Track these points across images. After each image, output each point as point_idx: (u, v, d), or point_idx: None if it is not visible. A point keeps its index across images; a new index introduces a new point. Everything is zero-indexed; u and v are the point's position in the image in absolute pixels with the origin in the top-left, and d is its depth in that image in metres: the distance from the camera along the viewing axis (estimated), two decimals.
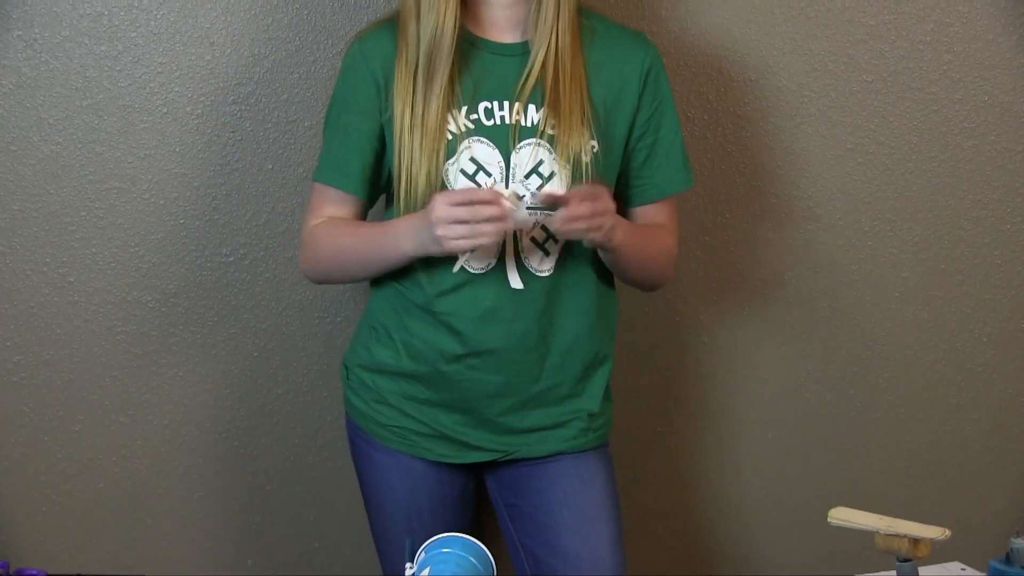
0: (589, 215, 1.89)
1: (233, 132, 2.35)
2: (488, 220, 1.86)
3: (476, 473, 2.18)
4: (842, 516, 1.70)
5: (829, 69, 2.42)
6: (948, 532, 1.64)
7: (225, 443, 2.49)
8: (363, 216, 2.13)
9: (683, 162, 2.12)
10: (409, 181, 1.99)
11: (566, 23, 1.99)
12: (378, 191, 2.11)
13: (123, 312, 2.41)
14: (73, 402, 2.43)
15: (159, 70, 2.33)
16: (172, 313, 2.42)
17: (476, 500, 2.22)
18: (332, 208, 2.10)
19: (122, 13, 2.29)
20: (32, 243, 2.37)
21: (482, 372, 2.06)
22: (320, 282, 2.24)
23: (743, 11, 2.40)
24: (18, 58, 2.29)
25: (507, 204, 1.86)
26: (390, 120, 2.01)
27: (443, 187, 1.97)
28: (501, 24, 2.03)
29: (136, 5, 2.29)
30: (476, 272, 2.01)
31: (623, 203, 2.12)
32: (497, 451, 2.11)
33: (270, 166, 2.37)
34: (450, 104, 1.99)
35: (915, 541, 1.63)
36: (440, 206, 1.87)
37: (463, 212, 1.86)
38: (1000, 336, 2.61)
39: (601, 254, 2.05)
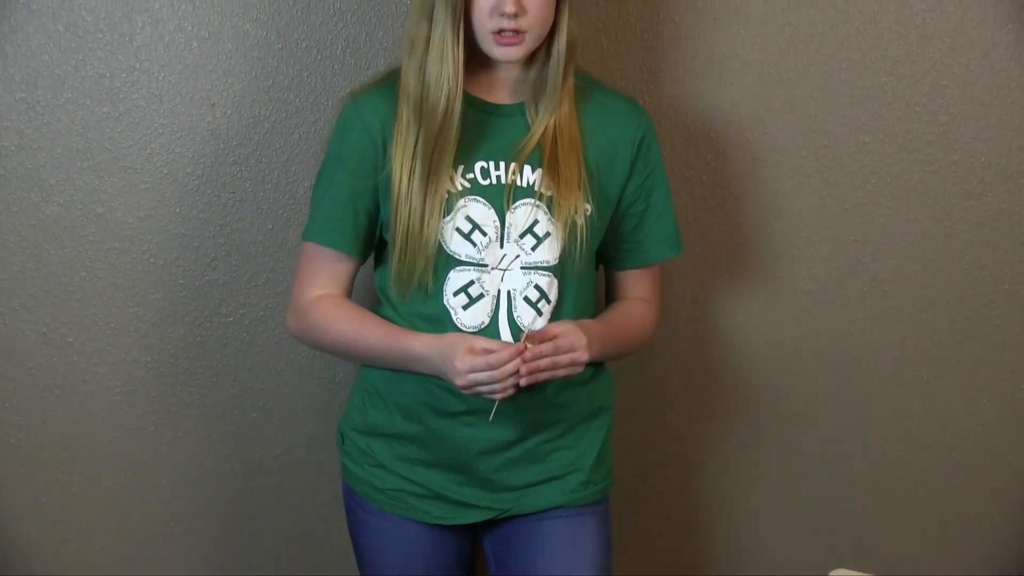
0: (549, 366, 1.91)
1: (233, 193, 2.36)
2: (509, 375, 1.89)
3: (473, 533, 2.17)
4: None
5: (826, 130, 2.42)
6: None
7: (223, 504, 2.49)
8: (354, 275, 2.12)
9: (673, 230, 2.14)
10: (405, 240, 1.99)
11: (567, 88, 2.00)
12: (370, 249, 2.11)
13: (122, 372, 2.41)
14: (70, 463, 2.43)
15: (160, 131, 2.33)
16: (171, 374, 2.41)
17: (473, 561, 2.22)
18: (326, 269, 2.09)
19: (124, 75, 2.30)
20: (32, 303, 2.37)
21: (475, 428, 2.05)
22: (319, 350, 2.25)
23: (740, 73, 2.40)
24: (20, 120, 2.30)
25: (526, 356, 1.90)
26: (387, 179, 2.00)
27: (439, 248, 1.99)
28: (500, 85, 2.04)
29: (138, 67, 2.30)
30: (470, 331, 2.00)
31: (608, 266, 2.17)
32: (492, 509, 2.09)
33: (270, 226, 2.37)
34: (450, 165, 1.99)
35: None
36: (462, 366, 1.90)
37: (484, 376, 1.89)
38: (999, 396, 2.60)
39: None
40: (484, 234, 2.00)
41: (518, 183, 2.01)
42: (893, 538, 2.61)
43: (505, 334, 2.00)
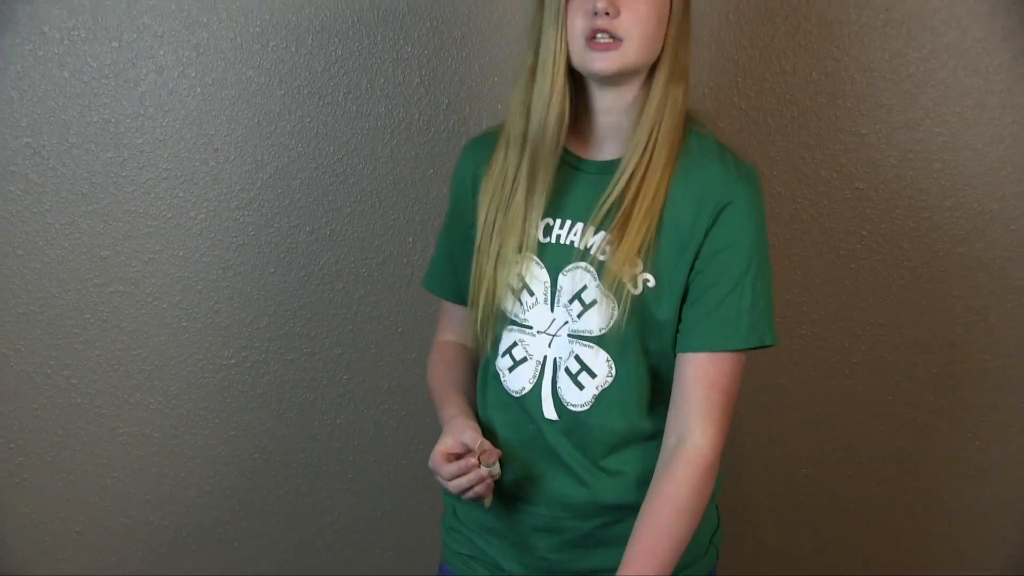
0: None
1: (236, 237, 2.36)
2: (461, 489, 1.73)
3: None
4: None
5: (822, 177, 2.40)
6: None
7: (224, 544, 2.49)
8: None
9: (742, 320, 1.74)
10: (475, 292, 1.84)
11: (661, 154, 1.75)
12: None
13: (125, 414, 2.42)
14: (74, 503, 2.44)
15: (164, 176, 2.34)
16: (174, 415, 2.43)
17: None
18: (444, 315, 2.00)
19: (128, 120, 2.30)
20: (36, 345, 2.38)
21: (526, 502, 1.85)
22: None
23: (738, 120, 2.39)
24: (26, 164, 2.31)
25: (483, 471, 1.73)
26: (474, 226, 1.85)
27: (495, 306, 1.81)
28: (599, 138, 1.81)
29: (142, 112, 2.30)
30: (515, 395, 1.83)
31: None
32: None
33: (272, 270, 2.37)
34: (534, 210, 1.80)
35: None
36: (431, 465, 1.76)
37: (442, 481, 1.75)
38: (991, 436, 2.59)
39: None
40: (532, 294, 1.81)
41: (576, 244, 1.78)
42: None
43: (548, 406, 1.80)
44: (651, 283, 1.73)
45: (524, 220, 1.77)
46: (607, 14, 1.67)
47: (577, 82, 1.77)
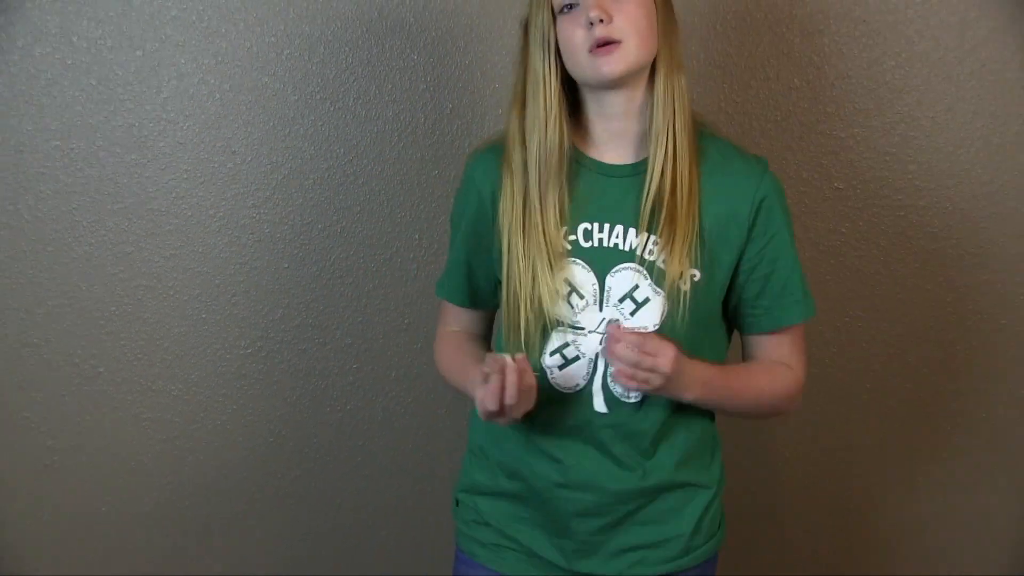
0: (632, 364, 1.71)
1: (252, 234, 2.38)
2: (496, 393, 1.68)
3: None
4: None
5: (803, 177, 2.41)
6: None
7: (240, 523, 2.51)
8: (486, 319, 2.01)
9: (801, 294, 1.88)
10: (512, 304, 1.84)
11: (685, 136, 1.79)
12: (492, 299, 1.96)
13: (148, 400, 2.44)
14: (99, 484, 2.46)
15: (184, 177, 2.35)
16: (194, 402, 2.44)
17: None
18: (452, 318, 2.01)
19: (151, 124, 2.32)
20: (65, 336, 2.40)
21: (571, 490, 1.88)
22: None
23: (725, 124, 2.40)
24: (56, 166, 2.33)
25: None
26: (493, 241, 1.87)
27: (540, 308, 1.80)
28: (609, 142, 1.84)
29: (164, 117, 2.32)
30: (565, 391, 1.84)
31: (740, 330, 1.93)
32: (584, 571, 1.91)
33: (286, 265, 2.39)
34: (554, 224, 1.81)
35: None
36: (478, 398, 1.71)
37: (489, 404, 1.70)
38: (973, 424, 2.59)
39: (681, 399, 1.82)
40: (581, 297, 1.81)
41: (620, 246, 1.81)
42: None
43: (599, 400, 1.83)
44: (696, 277, 1.78)
45: (547, 238, 1.79)
46: (601, 21, 1.70)
47: (572, 95, 1.80)
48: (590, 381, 1.82)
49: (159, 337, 2.41)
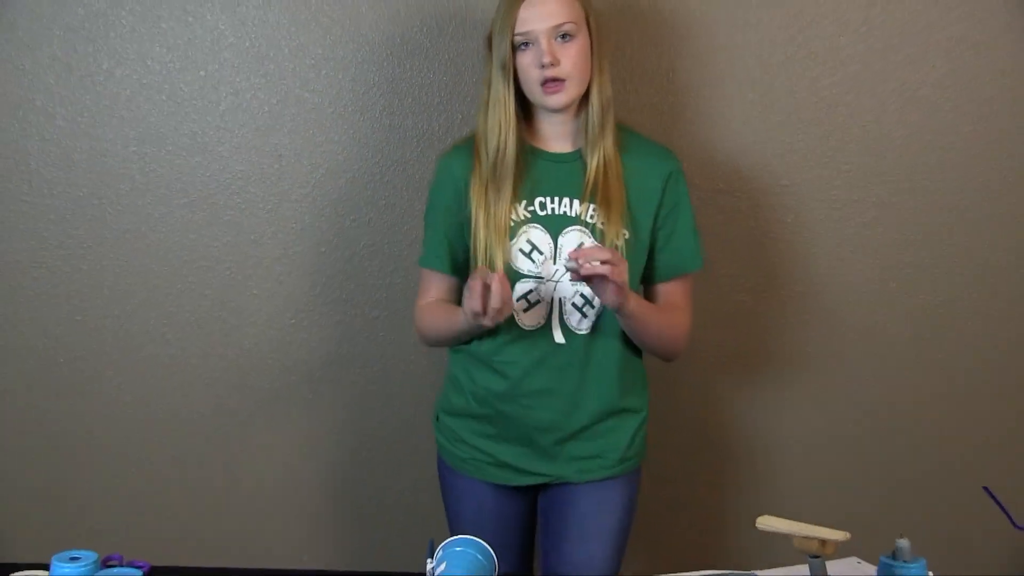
0: (607, 257, 1.96)
1: (295, 224, 2.56)
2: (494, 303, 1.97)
3: (531, 495, 2.27)
4: (767, 523, 1.73)
5: (755, 176, 2.56)
6: (848, 535, 1.69)
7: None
8: (457, 289, 2.21)
9: (694, 249, 2.21)
10: (477, 259, 2.12)
11: (609, 138, 2.12)
12: (466, 268, 2.19)
13: (209, 363, 2.62)
14: (171, 435, 2.63)
15: (239, 176, 2.54)
16: (246, 365, 2.61)
17: (531, 517, 2.30)
18: (434, 286, 2.23)
19: (211, 132, 2.50)
20: (141, 308, 2.59)
21: (533, 410, 2.16)
22: (431, 346, 2.33)
23: (689, 134, 2.52)
24: (133, 168, 2.52)
25: (495, 284, 1.96)
26: (468, 216, 2.13)
27: (506, 265, 2.09)
28: (554, 137, 2.15)
29: (222, 126, 2.50)
30: (528, 329, 2.13)
31: (647, 281, 2.23)
32: (546, 476, 2.20)
33: (323, 249, 2.56)
34: (513, 201, 2.11)
35: (823, 542, 1.68)
36: (466, 309, 1.99)
37: (475, 304, 1.97)
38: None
39: (619, 320, 2.11)
40: (541, 253, 2.11)
41: (568, 213, 2.13)
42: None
43: (558, 334, 2.14)
44: (627, 235, 2.14)
45: (502, 213, 2.10)
46: (552, 65, 2.05)
47: (526, 101, 2.13)
48: (549, 319, 2.14)
49: (217, 309, 2.58)
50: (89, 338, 2.61)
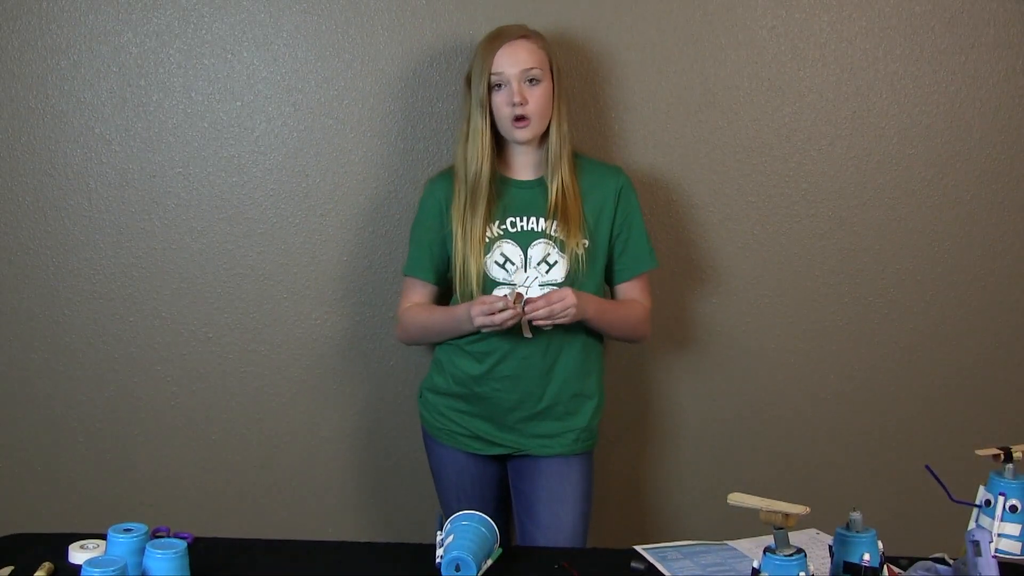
0: (545, 307, 2.23)
1: (320, 235, 2.67)
2: (503, 318, 2.23)
3: (502, 464, 2.47)
4: (737, 499, 1.76)
5: (725, 192, 2.68)
6: (808, 509, 1.70)
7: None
8: (438, 296, 2.44)
9: (648, 252, 2.44)
10: (463, 274, 2.34)
11: (567, 164, 2.35)
12: (445, 278, 2.42)
13: (244, 358, 2.72)
14: (209, 423, 2.72)
15: (271, 194, 2.66)
16: (278, 359, 2.72)
17: (503, 484, 2.51)
18: (417, 292, 2.44)
19: (247, 155, 2.63)
20: (185, 311, 2.70)
21: (502, 392, 2.39)
22: (409, 345, 2.56)
23: (668, 154, 2.64)
24: (178, 186, 2.66)
25: (511, 305, 2.24)
26: (450, 233, 2.36)
27: (484, 276, 2.31)
28: (521, 167, 2.38)
29: (257, 150, 2.63)
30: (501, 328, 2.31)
31: (610, 283, 2.45)
32: (512, 447, 2.42)
33: (345, 258, 2.68)
34: (487, 221, 2.33)
35: (786, 515, 1.70)
36: (475, 314, 2.24)
37: (485, 320, 2.24)
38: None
39: (585, 322, 2.35)
40: (513, 263, 2.34)
41: (535, 229, 2.35)
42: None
43: (526, 330, 2.34)
44: (587, 244, 2.37)
45: (477, 231, 2.31)
46: (520, 104, 2.30)
47: (499, 135, 2.35)
48: (519, 320, 2.31)
49: (252, 311, 2.70)
50: (140, 337, 2.72)
